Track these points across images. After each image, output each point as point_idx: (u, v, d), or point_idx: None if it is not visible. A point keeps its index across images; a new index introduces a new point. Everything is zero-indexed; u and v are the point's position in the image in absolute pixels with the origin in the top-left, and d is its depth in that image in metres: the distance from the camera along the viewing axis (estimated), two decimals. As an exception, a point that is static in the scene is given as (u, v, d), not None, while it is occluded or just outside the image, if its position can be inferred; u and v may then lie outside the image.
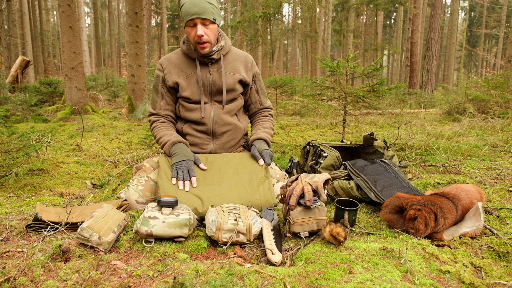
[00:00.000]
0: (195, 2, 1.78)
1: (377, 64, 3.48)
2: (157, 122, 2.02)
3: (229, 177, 1.77)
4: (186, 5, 1.80)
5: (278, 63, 31.13)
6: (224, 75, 1.95)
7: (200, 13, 1.78)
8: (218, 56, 1.93)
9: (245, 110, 2.21)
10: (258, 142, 1.98)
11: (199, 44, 1.84)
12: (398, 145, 3.31)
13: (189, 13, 1.78)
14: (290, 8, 33.60)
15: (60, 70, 25.25)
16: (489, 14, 29.06)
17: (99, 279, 1.08)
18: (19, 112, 5.61)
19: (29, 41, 14.78)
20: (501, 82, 6.16)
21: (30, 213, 1.69)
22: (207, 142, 2.01)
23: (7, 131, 2.47)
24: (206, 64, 1.95)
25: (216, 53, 1.92)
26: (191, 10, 1.78)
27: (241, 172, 1.80)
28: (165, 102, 2.02)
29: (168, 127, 2.01)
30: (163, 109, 2.03)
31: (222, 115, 1.98)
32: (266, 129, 2.08)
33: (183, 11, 1.82)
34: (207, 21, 1.81)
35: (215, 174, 1.79)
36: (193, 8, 1.77)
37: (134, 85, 6.59)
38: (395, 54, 29.33)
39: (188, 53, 1.94)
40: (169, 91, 2.01)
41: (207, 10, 1.80)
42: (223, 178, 1.76)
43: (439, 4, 10.99)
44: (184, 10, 1.81)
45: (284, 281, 1.07)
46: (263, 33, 11.36)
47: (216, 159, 1.90)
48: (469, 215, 1.53)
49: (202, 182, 1.74)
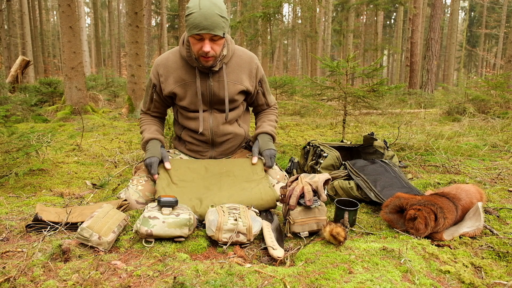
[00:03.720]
0: (206, 15, 1.59)
1: (377, 64, 3.48)
2: (144, 118, 2.05)
3: (228, 186, 1.76)
4: (195, 16, 1.60)
5: (278, 63, 31.12)
6: (226, 85, 1.83)
7: (211, 28, 1.61)
8: (220, 66, 1.82)
9: (250, 107, 2.20)
10: (262, 137, 1.95)
11: (203, 57, 1.72)
12: (398, 145, 3.31)
13: (198, 27, 1.60)
14: (290, 8, 33.61)
15: (60, 70, 25.25)
16: (489, 14, 29.06)
17: (99, 279, 1.08)
18: (19, 112, 5.60)
19: (29, 41, 14.77)
20: (501, 82, 6.16)
21: (30, 213, 1.69)
22: (206, 150, 2.01)
23: (7, 131, 2.47)
24: (206, 74, 1.84)
25: (218, 63, 1.80)
26: (201, 24, 1.59)
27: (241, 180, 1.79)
28: (154, 106, 2.01)
29: (151, 123, 2.02)
30: (152, 111, 2.04)
31: (221, 126, 1.93)
32: (271, 121, 2.07)
33: (190, 22, 1.63)
34: (217, 37, 1.67)
35: (215, 183, 1.78)
36: (203, 22, 1.59)
37: (134, 85, 6.59)
38: (395, 54, 29.34)
39: (187, 60, 1.82)
40: (163, 98, 1.95)
41: (219, 25, 1.62)
42: (223, 187, 1.75)
43: (439, 4, 10.99)
44: (192, 21, 1.61)
45: (284, 281, 1.07)
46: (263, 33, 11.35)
47: (216, 169, 1.86)
48: (469, 215, 1.53)
49: (202, 188, 1.74)
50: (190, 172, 1.82)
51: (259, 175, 1.82)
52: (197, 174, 1.82)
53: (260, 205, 1.65)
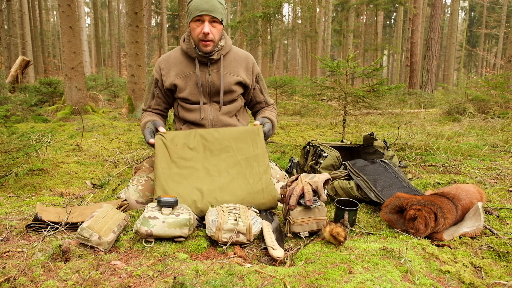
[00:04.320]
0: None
1: (377, 64, 3.48)
2: (145, 113, 2.09)
3: (229, 167, 1.73)
4: (196, 0, 1.78)
5: (278, 63, 31.12)
6: (223, 76, 1.93)
7: (211, 10, 1.77)
8: (217, 57, 1.91)
9: (249, 109, 2.22)
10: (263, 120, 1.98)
11: (203, 41, 1.82)
12: (398, 145, 3.31)
13: (199, 9, 1.77)
14: (290, 8, 33.61)
15: (60, 70, 25.25)
16: (489, 14, 29.06)
17: (99, 279, 1.08)
18: (19, 112, 5.60)
19: (29, 41, 14.77)
20: (501, 82, 6.16)
21: (30, 213, 1.69)
22: None
23: (7, 131, 2.47)
24: (205, 64, 1.92)
25: (216, 53, 1.89)
26: (202, 6, 1.76)
27: (243, 161, 1.76)
28: (155, 102, 2.05)
29: (152, 114, 2.05)
30: (152, 108, 2.07)
31: (221, 116, 1.96)
32: (272, 112, 2.10)
33: (191, 7, 1.80)
34: (216, 20, 1.80)
35: (216, 164, 1.75)
36: (204, 5, 1.76)
37: (134, 85, 6.59)
38: (395, 54, 29.34)
39: (187, 52, 1.91)
40: (164, 93, 2.00)
41: (217, 9, 1.79)
42: (223, 168, 1.73)
43: (439, 4, 10.99)
44: (193, 5, 1.79)
45: (284, 281, 1.07)
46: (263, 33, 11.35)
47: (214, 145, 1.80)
48: (469, 215, 1.53)
49: (202, 173, 1.72)
50: (189, 150, 1.79)
51: (259, 149, 1.79)
52: (196, 152, 1.79)
53: (262, 203, 1.65)
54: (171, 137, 1.79)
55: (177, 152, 1.76)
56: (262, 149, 1.80)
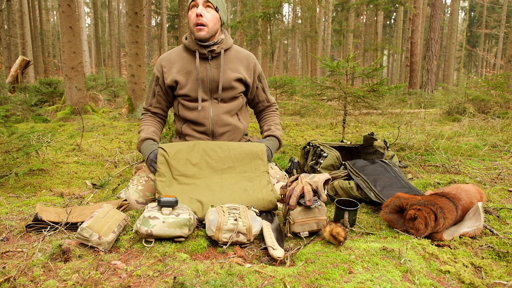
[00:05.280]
0: None
1: (377, 64, 3.48)
2: (145, 118, 2.09)
3: (230, 185, 1.75)
4: None
5: (278, 63, 31.12)
6: (223, 71, 1.93)
7: None
8: (218, 50, 1.91)
9: (252, 108, 2.23)
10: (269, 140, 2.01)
11: (197, 26, 1.84)
12: (398, 145, 3.31)
13: None
14: (290, 8, 33.62)
15: (60, 70, 25.25)
16: (489, 14, 29.06)
17: (99, 279, 1.08)
18: (19, 112, 5.60)
19: (29, 41, 14.76)
20: (501, 82, 6.16)
21: (30, 213, 1.69)
22: None
23: (7, 131, 2.47)
24: (206, 59, 1.93)
25: (217, 46, 1.90)
26: None
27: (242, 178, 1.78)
28: (156, 100, 2.06)
29: (150, 124, 2.06)
30: (153, 106, 2.07)
31: (222, 115, 1.96)
32: (277, 125, 2.14)
33: None
34: (210, 6, 1.85)
35: (218, 182, 1.76)
36: None
37: (134, 85, 6.59)
38: (395, 54, 29.34)
39: (189, 46, 1.93)
40: (165, 91, 2.01)
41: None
42: (224, 186, 1.74)
43: (439, 4, 10.98)
44: None
45: (284, 281, 1.07)
46: (263, 33, 11.35)
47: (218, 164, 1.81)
48: (469, 215, 1.53)
49: (203, 189, 1.72)
50: (191, 166, 1.79)
51: (261, 169, 1.81)
52: (198, 168, 1.79)
53: (262, 206, 1.65)
54: (173, 153, 1.79)
55: (179, 169, 1.76)
56: (264, 171, 1.83)
